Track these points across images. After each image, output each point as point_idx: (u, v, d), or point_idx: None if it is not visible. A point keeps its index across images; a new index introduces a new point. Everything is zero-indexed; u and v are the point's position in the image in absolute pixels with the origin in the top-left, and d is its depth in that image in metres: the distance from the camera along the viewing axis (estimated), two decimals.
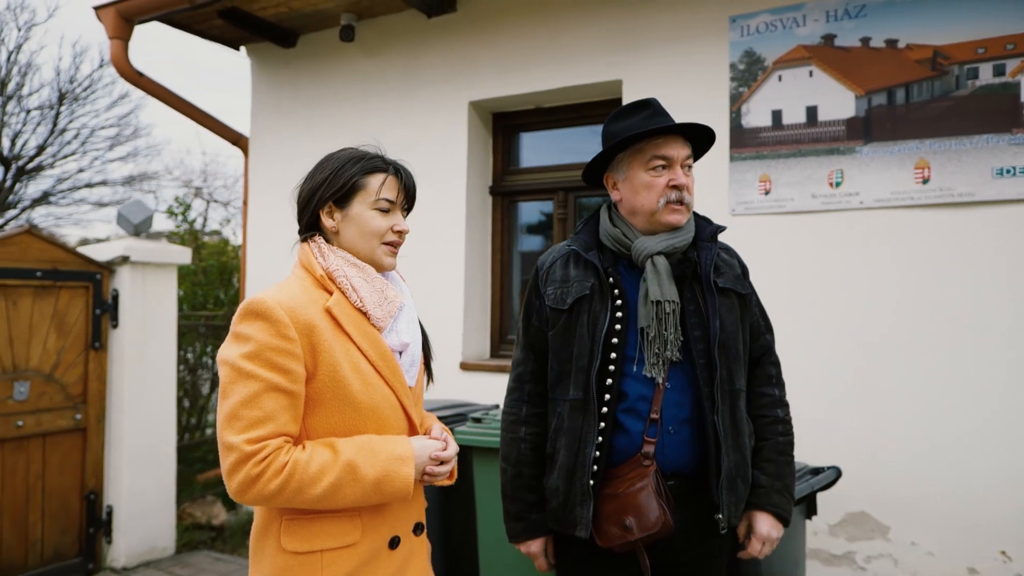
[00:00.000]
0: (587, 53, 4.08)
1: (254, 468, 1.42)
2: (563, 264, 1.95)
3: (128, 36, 5.04)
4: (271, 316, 1.47)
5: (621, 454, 1.80)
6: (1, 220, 12.81)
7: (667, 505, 1.72)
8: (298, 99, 5.25)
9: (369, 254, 1.62)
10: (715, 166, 3.67)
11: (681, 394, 1.82)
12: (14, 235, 4.03)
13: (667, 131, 1.85)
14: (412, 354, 1.65)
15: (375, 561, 1.54)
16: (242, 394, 1.44)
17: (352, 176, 1.61)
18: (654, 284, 1.80)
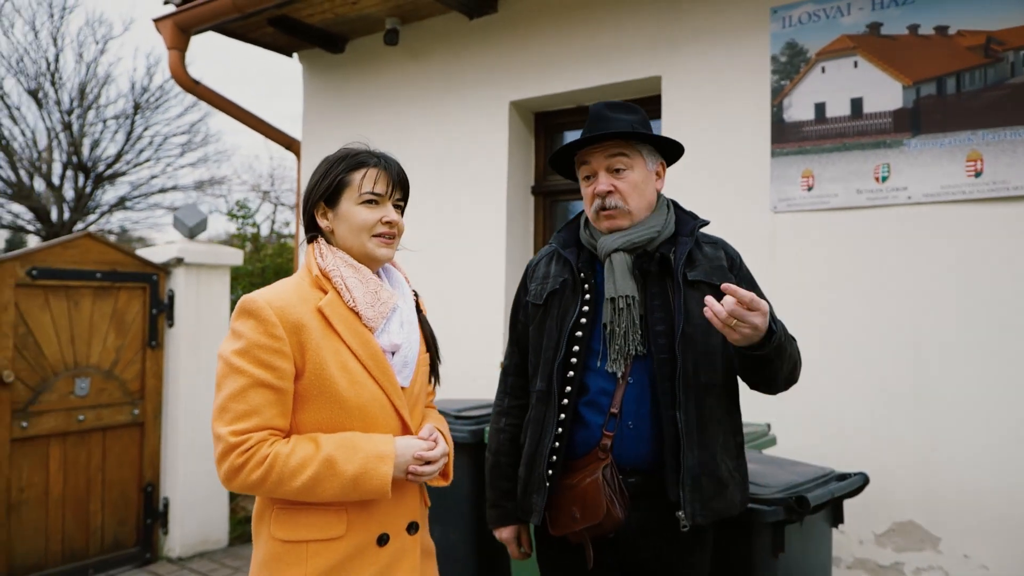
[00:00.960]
0: (626, 50, 4.03)
1: (237, 458, 1.48)
2: (547, 262, 2.02)
3: (185, 46, 5.23)
4: (260, 315, 1.53)
5: (581, 446, 1.83)
6: (82, 224, 13.48)
7: (618, 499, 1.73)
8: (347, 103, 5.35)
9: (361, 248, 1.65)
10: (756, 162, 3.57)
11: (642, 389, 1.81)
12: (75, 239, 4.23)
13: (582, 144, 1.90)
14: (404, 355, 1.66)
15: (361, 556, 1.56)
16: (231, 388, 1.51)
17: (338, 175, 1.65)
18: (610, 281, 1.83)
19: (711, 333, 1.81)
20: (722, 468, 1.80)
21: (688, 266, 1.86)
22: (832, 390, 3.33)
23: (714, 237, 2.01)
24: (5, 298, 3.88)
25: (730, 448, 1.85)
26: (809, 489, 2.05)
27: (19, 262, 3.95)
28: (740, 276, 1.95)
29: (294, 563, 1.53)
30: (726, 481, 1.80)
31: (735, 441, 1.87)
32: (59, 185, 13.25)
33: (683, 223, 1.95)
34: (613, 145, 1.88)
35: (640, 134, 1.89)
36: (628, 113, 1.93)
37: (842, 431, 3.30)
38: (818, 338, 3.37)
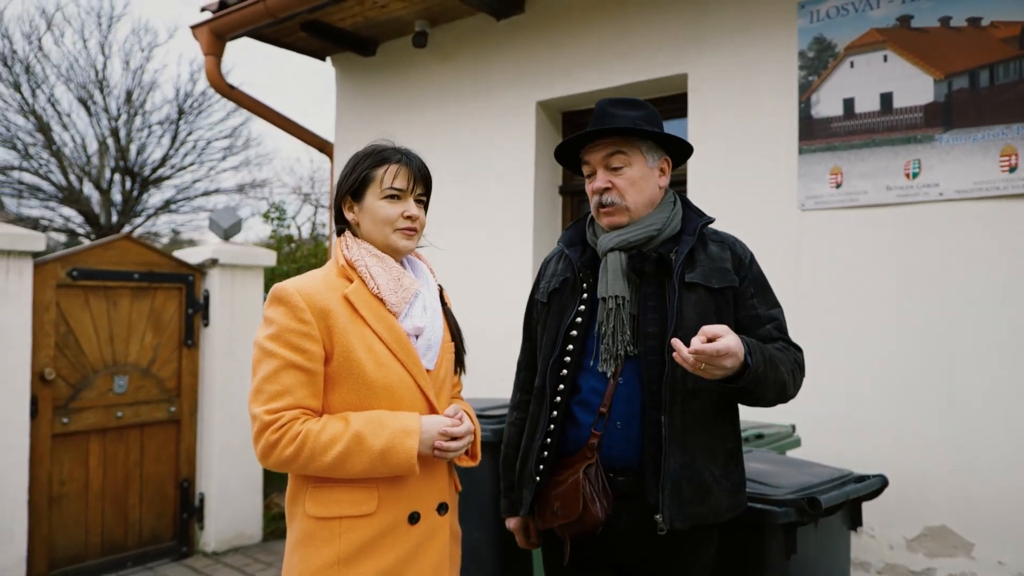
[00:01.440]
0: (652, 48, 4.00)
1: (272, 435, 1.57)
2: (556, 260, 2.04)
3: (220, 52, 5.35)
4: (289, 301, 1.62)
5: (572, 444, 1.84)
6: (129, 227, 13.86)
7: (600, 498, 1.72)
8: (378, 105, 5.42)
9: (384, 240, 1.72)
10: (783, 159, 3.52)
11: (632, 390, 1.80)
12: (114, 240, 4.36)
13: (580, 140, 1.90)
14: (428, 339, 1.72)
15: (393, 533, 1.62)
16: (265, 371, 1.60)
17: (364, 170, 1.72)
18: (603, 280, 1.83)
19: None
20: (705, 474, 1.76)
21: (688, 266, 1.83)
22: (861, 392, 3.26)
23: (724, 235, 1.96)
24: (47, 298, 4.02)
25: (717, 454, 1.81)
26: (823, 491, 2.01)
27: (60, 263, 4.09)
28: (747, 277, 1.90)
29: (328, 539, 1.59)
30: (709, 487, 1.76)
31: (724, 447, 1.83)
32: (107, 189, 13.64)
33: (688, 221, 1.91)
34: (611, 142, 1.87)
35: (637, 130, 1.85)
36: (632, 109, 1.90)
37: (871, 433, 3.23)
38: (846, 339, 3.31)
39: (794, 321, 3.38)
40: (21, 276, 3.85)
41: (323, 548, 1.59)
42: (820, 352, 3.34)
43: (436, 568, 1.68)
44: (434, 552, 1.68)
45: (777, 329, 1.92)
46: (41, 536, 3.99)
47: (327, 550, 1.59)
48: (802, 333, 3.37)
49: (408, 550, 1.63)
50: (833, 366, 3.32)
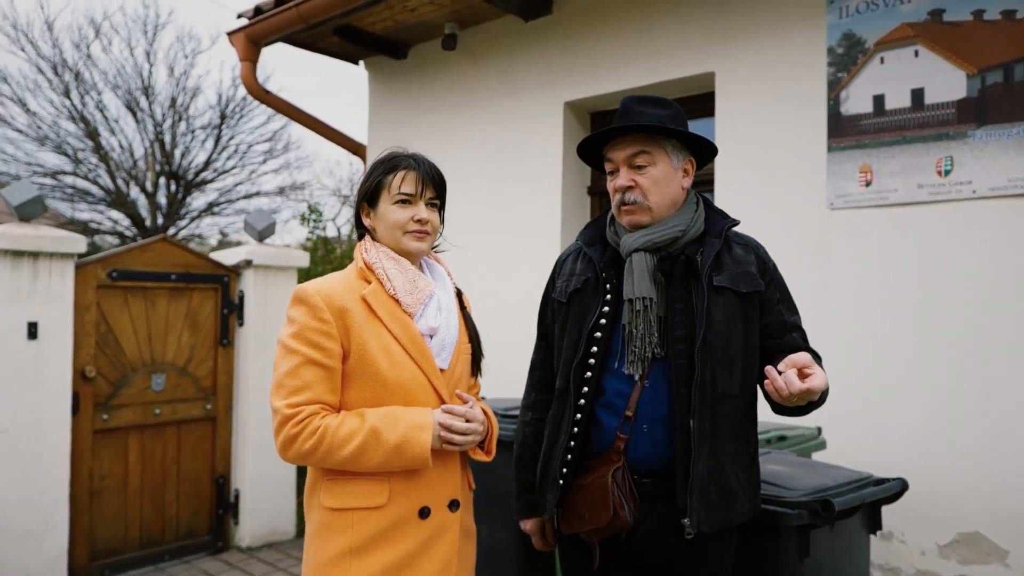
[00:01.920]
0: (679, 47, 3.97)
1: (292, 429, 1.63)
2: (573, 259, 2.00)
3: (256, 58, 5.46)
4: (309, 301, 1.68)
5: (596, 447, 1.82)
6: (173, 230, 14.21)
7: (628, 502, 1.71)
8: (409, 107, 5.47)
9: (397, 244, 1.77)
10: (811, 158, 3.47)
11: (659, 393, 1.78)
12: (152, 243, 4.48)
13: (603, 138, 1.87)
14: (442, 338, 1.77)
15: (404, 526, 1.66)
16: (286, 367, 1.67)
17: (377, 177, 1.78)
18: (628, 281, 1.80)
19: (731, 342, 1.77)
20: (731, 478, 1.75)
21: (715, 269, 1.80)
22: (889, 394, 3.20)
23: (747, 238, 1.95)
24: (88, 298, 4.15)
25: (742, 458, 1.80)
26: (838, 493, 1.98)
27: (100, 264, 4.22)
28: (772, 282, 1.89)
29: (341, 530, 1.64)
30: (735, 491, 1.76)
31: (748, 451, 1.82)
32: (153, 193, 14.00)
33: (712, 222, 1.89)
34: (636, 140, 1.84)
35: (663, 129, 1.83)
36: (659, 107, 1.88)
37: (900, 436, 3.16)
38: (875, 340, 3.25)
39: (822, 322, 3.34)
40: (63, 277, 3.98)
41: (336, 538, 1.65)
42: (849, 353, 3.29)
43: (445, 563, 1.71)
44: (444, 547, 1.71)
45: (802, 337, 1.91)
46: (82, 528, 4.12)
47: (340, 540, 1.64)
48: (831, 334, 3.33)
49: (418, 543, 1.67)
50: (862, 367, 3.26)
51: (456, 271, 2.02)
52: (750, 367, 1.82)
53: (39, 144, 13.07)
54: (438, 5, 4.70)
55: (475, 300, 5.08)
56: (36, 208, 3.95)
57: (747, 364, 1.81)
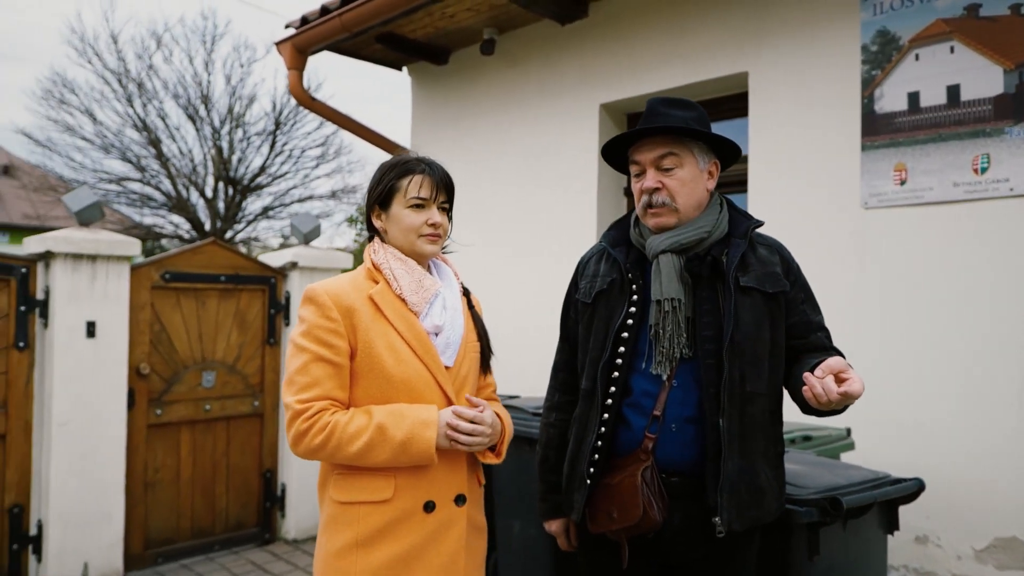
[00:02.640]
0: (713, 48, 3.98)
1: (302, 424, 1.69)
2: (596, 260, 2.00)
3: (302, 66, 5.63)
4: (317, 300, 1.75)
5: (623, 446, 1.82)
6: (231, 233, 14.66)
7: (657, 501, 1.72)
8: (450, 111, 5.58)
9: (410, 246, 1.83)
10: (845, 156, 3.44)
11: (687, 393, 1.79)
12: (202, 246, 4.68)
13: (631, 138, 1.87)
14: (447, 336, 1.81)
15: (409, 520, 1.72)
16: (296, 364, 1.73)
17: (389, 181, 1.83)
18: (656, 282, 1.81)
19: (759, 341, 1.79)
20: (761, 476, 1.77)
21: (740, 270, 1.81)
22: (924, 397, 3.15)
23: (770, 239, 1.95)
24: (142, 299, 4.36)
25: (770, 457, 1.81)
26: (850, 492, 1.98)
27: (154, 267, 4.42)
28: (796, 282, 1.90)
29: (349, 523, 1.71)
30: (764, 489, 1.77)
31: (775, 450, 1.83)
32: (212, 197, 14.48)
33: (737, 223, 1.90)
34: (663, 142, 1.85)
35: (691, 131, 1.84)
36: (684, 109, 1.89)
37: (934, 439, 3.11)
38: (909, 342, 3.20)
39: (856, 322, 3.30)
40: (119, 279, 4.19)
41: (344, 530, 1.71)
42: (882, 354, 3.25)
43: (452, 556, 1.75)
44: (451, 541, 1.75)
45: (827, 337, 1.92)
46: (137, 518, 4.32)
47: (347, 532, 1.70)
48: (864, 334, 3.29)
49: (424, 537, 1.72)
50: (896, 369, 3.22)
51: (494, 272, 2.07)
52: (776, 367, 1.83)
53: (105, 152, 13.66)
54: (476, 11, 4.79)
55: (512, 300, 5.14)
56: (95, 213, 4.17)
57: (773, 364, 1.82)
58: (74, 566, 3.98)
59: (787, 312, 1.86)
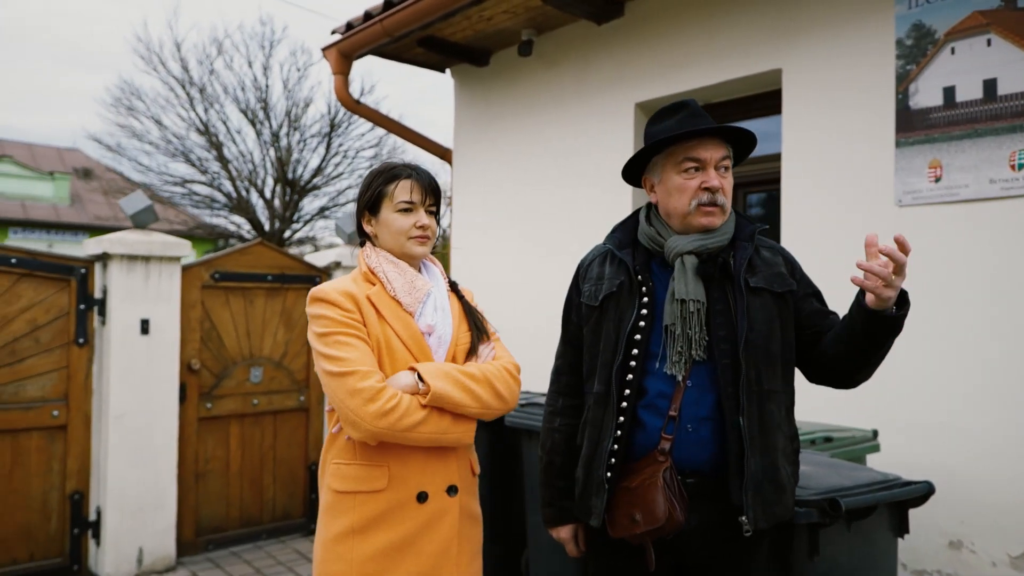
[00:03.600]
0: (746, 45, 3.95)
1: (387, 403, 1.72)
2: (600, 262, 2.00)
3: (347, 71, 5.78)
4: (328, 297, 1.82)
5: (639, 449, 1.82)
6: (288, 232, 15.07)
7: (679, 502, 1.72)
8: (491, 112, 5.66)
9: (401, 249, 1.90)
10: (878, 153, 3.38)
11: (702, 393, 1.80)
12: (250, 246, 4.86)
13: (699, 134, 1.84)
14: (439, 336, 1.88)
15: (402, 509, 1.79)
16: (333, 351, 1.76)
17: (377, 187, 1.90)
18: (681, 282, 1.81)
19: (772, 339, 1.81)
20: (782, 473, 1.78)
21: (749, 272, 1.84)
22: (958, 398, 3.08)
23: (771, 242, 1.97)
24: (193, 297, 4.56)
25: (789, 453, 1.83)
26: (853, 493, 1.96)
27: (204, 267, 4.63)
28: (801, 280, 1.93)
29: (345, 511, 1.79)
30: (785, 486, 1.79)
31: (792, 447, 1.85)
32: (271, 198, 14.91)
33: (742, 227, 1.92)
34: (723, 144, 1.87)
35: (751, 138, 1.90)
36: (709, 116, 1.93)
37: (967, 443, 3.04)
38: (944, 342, 3.14)
39: None
40: (171, 278, 4.40)
41: (341, 518, 1.79)
42: (915, 355, 3.19)
43: (445, 544, 1.82)
44: (444, 529, 1.82)
45: (834, 314, 1.93)
46: (189, 506, 4.54)
47: (344, 520, 1.79)
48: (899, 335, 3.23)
49: (417, 525, 1.79)
50: (928, 370, 3.15)
51: (530, 270, 2.09)
52: (788, 363, 1.86)
53: (171, 156, 14.20)
54: (512, 13, 4.85)
55: (548, 299, 5.17)
56: (148, 217, 4.38)
57: (786, 361, 1.85)
58: (129, 551, 4.21)
59: (798, 308, 1.89)
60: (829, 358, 1.83)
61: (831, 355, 1.83)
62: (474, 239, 5.71)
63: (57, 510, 4.13)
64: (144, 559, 4.25)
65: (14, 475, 4.00)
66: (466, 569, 1.87)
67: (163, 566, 4.32)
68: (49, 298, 4.11)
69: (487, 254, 5.60)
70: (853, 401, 3.19)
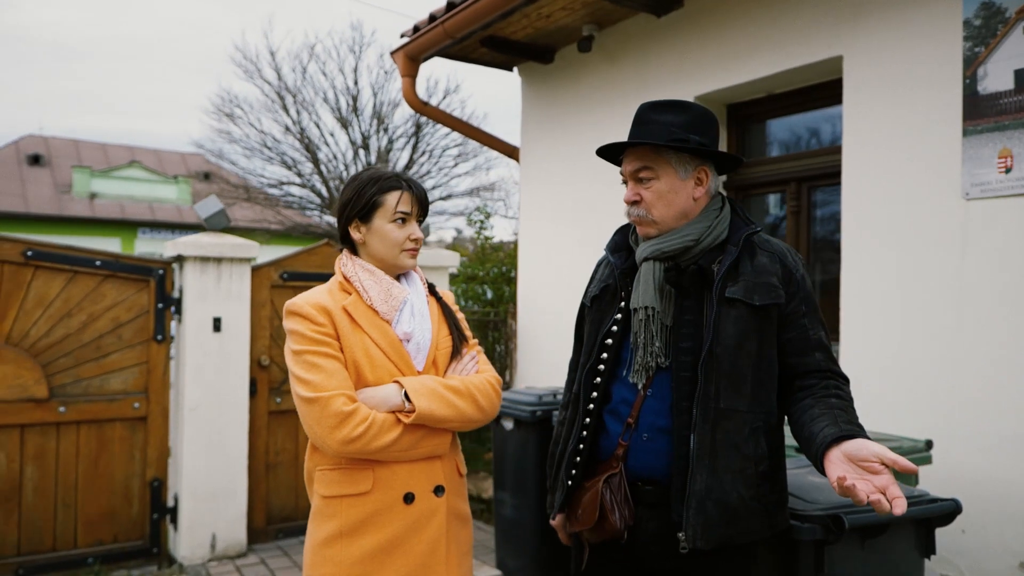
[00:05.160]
0: (807, 31, 3.77)
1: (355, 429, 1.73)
2: (605, 264, 2.01)
3: (415, 73, 5.90)
4: (302, 311, 1.82)
5: (603, 452, 1.83)
6: None
7: (621, 509, 1.71)
8: (556, 109, 5.64)
9: (393, 260, 1.90)
10: (945, 143, 3.16)
11: (660, 403, 1.76)
12: (317, 247, 5.04)
13: (621, 148, 1.86)
14: (417, 342, 1.88)
15: (389, 511, 1.80)
16: (302, 365, 1.78)
17: (372, 195, 1.88)
18: (636, 290, 1.79)
19: (741, 356, 1.71)
20: (732, 496, 1.68)
21: (730, 280, 1.74)
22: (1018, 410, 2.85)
23: (776, 245, 1.84)
24: (263, 296, 4.77)
25: (749, 476, 1.70)
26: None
27: (273, 267, 4.83)
28: (798, 294, 1.78)
29: (333, 515, 1.82)
30: (736, 509, 1.68)
31: (756, 470, 1.71)
32: None
33: (735, 229, 1.81)
34: (642, 154, 1.82)
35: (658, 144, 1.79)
36: (674, 113, 1.83)
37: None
38: (1014, 349, 2.90)
39: (956, 324, 3.04)
40: (242, 279, 4.61)
41: (329, 522, 1.81)
42: (983, 360, 2.98)
43: (433, 544, 1.83)
44: (431, 529, 1.83)
45: (826, 358, 1.78)
46: (259, 496, 4.75)
47: (332, 524, 1.81)
48: (966, 337, 3.02)
49: (405, 526, 1.80)
50: (998, 376, 2.93)
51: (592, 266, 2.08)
52: (764, 382, 1.75)
53: (267, 160, 14.87)
54: (570, 10, 4.82)
55: None
56: (220, 220, 4.61)
57: (760, 380, 1.74)
58: (203, 536, 4.45)
59: (784, 326, 1.76)
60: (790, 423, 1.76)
61: (789, 421, 1.76)
62: (540, 236, 5.72)
63: (138, 495, 4.41)
64: (217, 545, 4.49)
65: (100, 462, 4.30)
66: (456, 569, 1.88)
67: (235, 552, 4.55)
68: (130, 297, 4.40)
69: (553, 251, 5.59)
70: (909, 408, 3.02)
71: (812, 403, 1.70)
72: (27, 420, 4.11)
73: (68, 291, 4.24)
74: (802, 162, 4.09)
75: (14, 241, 4.13)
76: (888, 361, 3.29)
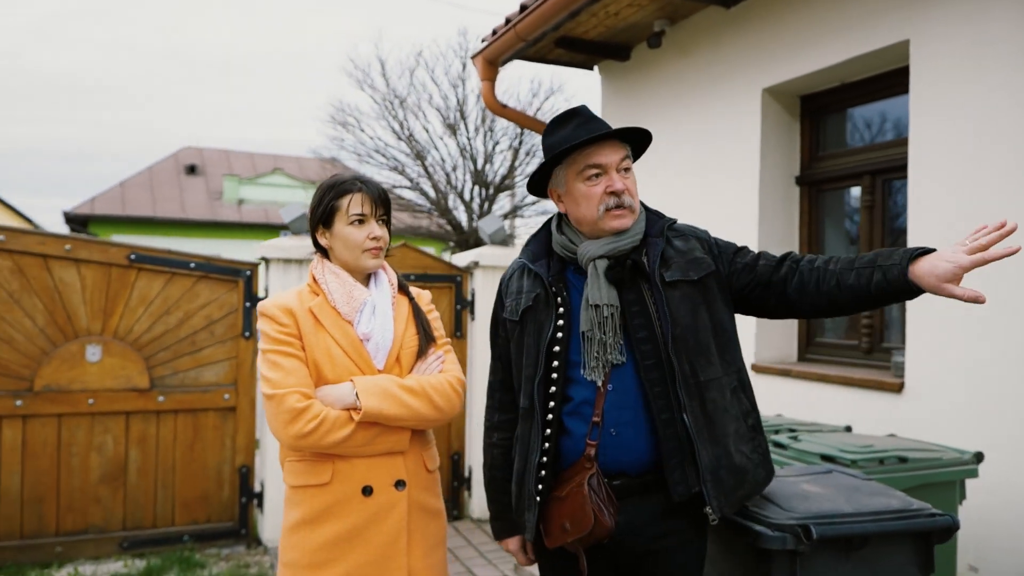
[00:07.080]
0: (875, 14, 3.58)
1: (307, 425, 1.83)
2: (518, 276, 1.99)
3: (494, 77, 6.01)
4: (269, 312, 1.94)
5: (569, 456, 1.82)
6: None
7: (606, 507, 1.72)
8: (633, 106, 5.61)
9: (356, 262, 1.99)
10: (1020, 132, 2.92)
11: (624, 396, 1.78)
12: (394, 249, 5.24)
13: (595, 140, 1.83)
14: (377, 342, 1.96)
15: (348, 503, 1.89)
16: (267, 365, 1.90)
17: (329, 201, 1.98)
18: (594, 288, 1.80)
19: (699, 329, 1.80)
20: (737, 457, 1.78)
21: (663, 267, 1.83)
22: None
23: (682, 227, 1.94)
24: None
25: (742, 433, 1.81)
26: (846, 521, 1.75)
27: None
28: (720, 252, 1.90)
29: (298, 503, 1.93)
30: (744, 467, 1.79)
31: (747, 424, 1.83)
32: (469, 200, 15.73)
33: (652, 223, 1.91)
34: (621, 146, 1.87)
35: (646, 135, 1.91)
36: (593, 116, 1.92)
37: None
38: None
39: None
40: (300, 280, 4.87)
41: (294, 510, 1.92)
42: None
43: (393, 536, 1.90)
44: (391, 522, 1.90)
45: (769, 254, 1.91)
46: None
47: (297, 512, 1.91)
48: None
49: (364, 518, 1.88)
50: None
51: None
52: (726, 344, 1.85)
53: (378, 165, 15.50)
54: (639, 6, 4.77)
55: None
56: (303, 224, 4.90)
57: (722, 344, 1.84)
58: None
59: (732, 274, 1.88)
60: (809, 303, 1.80)
61: (820, 302, 1.79)
62: None
63: (228, 480, 4.77)
64: None
65: (195, 448, 4.68)
66: (421, 561, 1.94)
67: None
68: (221, 297, 4.76)
69: None
70: (956, 418, 2.84)
71: (824, 257, 1.82)
72: (131, 408, 4.54)
73: (167, 291, 4.64)
74: (877, 154, 3.87)
75: (120, 246, 4.57)
76: (954, 364, 3.07)
